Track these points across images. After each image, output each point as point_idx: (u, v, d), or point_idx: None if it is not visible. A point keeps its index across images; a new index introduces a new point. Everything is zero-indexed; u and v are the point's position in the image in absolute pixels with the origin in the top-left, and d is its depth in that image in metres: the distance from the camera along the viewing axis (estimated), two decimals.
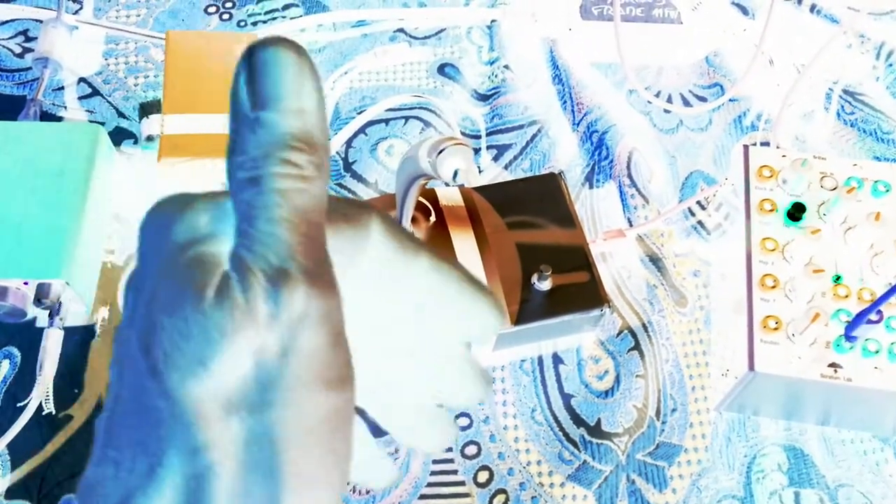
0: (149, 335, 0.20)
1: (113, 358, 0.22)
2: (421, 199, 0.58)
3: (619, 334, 0.60)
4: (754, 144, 0.69)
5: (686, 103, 0.73)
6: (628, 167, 0.67)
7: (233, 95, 0.21)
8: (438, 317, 0.26)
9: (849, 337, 0.50)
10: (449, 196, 0.60)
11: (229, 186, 0.21)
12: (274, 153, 0.20)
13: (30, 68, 0.71)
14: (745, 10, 0.79)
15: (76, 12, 0.75)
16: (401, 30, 0.76)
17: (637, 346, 0.59)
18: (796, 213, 0.55)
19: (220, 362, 0.19)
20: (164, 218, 0.21)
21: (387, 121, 0.70)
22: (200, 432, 0.20)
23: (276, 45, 0.21)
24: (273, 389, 0.20)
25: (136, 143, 0.68)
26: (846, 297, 0.53)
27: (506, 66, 0.73)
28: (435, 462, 0.55)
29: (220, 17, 0.76)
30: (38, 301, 0.55)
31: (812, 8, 0.79)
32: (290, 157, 0.20)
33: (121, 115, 0.69)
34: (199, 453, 0.20)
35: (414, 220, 0.56)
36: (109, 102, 0.70)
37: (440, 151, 0.42)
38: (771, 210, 0.56)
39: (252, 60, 0.21)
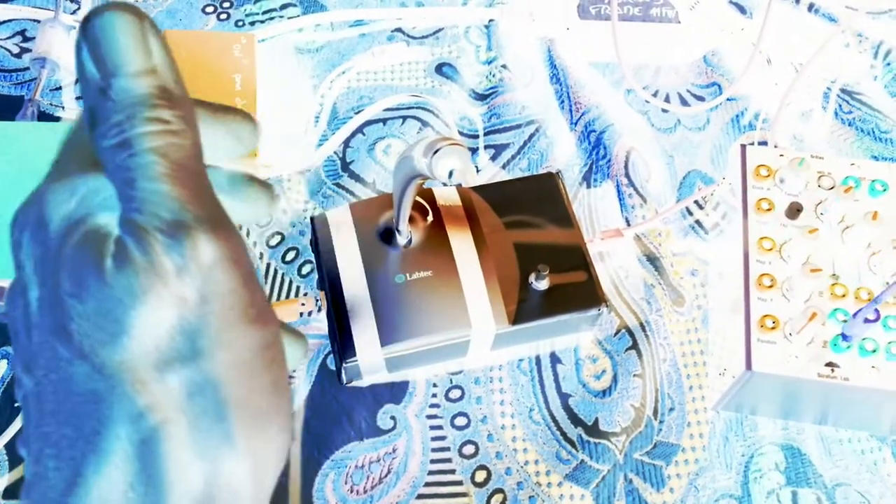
0: (65, 325, 0.20)
1: (17, 376, 0.22)
2: (418, 198, 0.58)
3: (616, 334, 0.60)
4: (752, 144, 0.69)
5: (684, 102, 0.73)
6: (626, 166, 0.67)
7: (79, 69, 0.21)
8: (209, 152, 0.26)
9: (846, 336, 0.50)
10: (446, 196, 0.60)
11: (100, 159, 0.21)
12: (137, 114, 0.20)
13: (27, 68, 0.71)
14: (742, 10, 0.79)
15: (74, 12, 0.75)
16: (399, 29, 0.76)
17: (635, 346, 0.59)
18: (794, 212, 0.55)
19: (140, 325, 0.20)
20: (32, 219, 0.21)
21: (384, 120, 0.70)
22: (140, 397, 0.20)
23: (110, 11, 0.21)
24: (201, 337, 0.20)
25: None
26: (843, 296, 0.53)
27: (503, 66, 0.73)
28: (433, 462, 0.55)
29: (218, 16, 0.76)
30: None
31: (810, 7, 0.79)
32: (155, 114, 0.20)
33: None
34: (143, 417, 0.20)
35: (411, 219, 0.56)
36: None
37: (435, 151, 0.42)
38: (768, 209, 0.56)
39: (90, 31, 0.21)
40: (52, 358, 0.20)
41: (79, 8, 0.75)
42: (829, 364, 0.50)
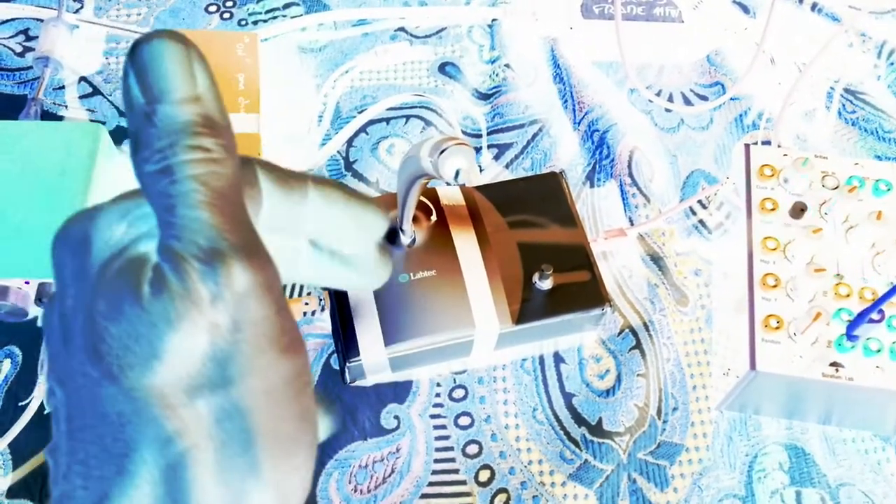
0: (97, 346, 0.20)
1: (49, 386, 0.22)
2: (422, 198, 0.58)
3: (620, 333, 0.60)
4: (755, 143, 0.69)
5: (687, 102, 0.73)
6: (629, 166, 0.67)
7: (125, 94, 0.21)
8: (335, 235, 0.28)
9: (850, 336, 0.50)
10: (450, 195, 0.60)
11: (140, 183, 0.21)
12: (180, 142, 0.20)
13: (30, 67, 0.71)
14: (746, 9, 0.79)
15: (77, 11, 0.75)
16: (402, 28, 0.76)
17: (638, 345, 0.59)
18: (798, 212, 0.55)
19: (173, 350, 0.20)
20: (77, 240, 0.22)
21: (388, 120, 0.70)
22: (168, 422, 0.20)
23: (158, 38, 0.21)
24: (232, 364, 0.21)
25: None
26: (847, 296, 0.53)
27: (507, 65, 0.73)
28: (436, 461, 0.55)
29: (221, 16, 0.76)
30: (40, 300, 0.55)
31: (813, 6, 0.79)
32: (197, 142, 0.21)
33: (122, 114, 0.69)
34: (171, 442, 0.20)
35: (415, 219, 0.56)
36: (110, 101, 0.70)
37: (442, 151, 0.42)
38: (772, 209, 0.56)
39: (137, 57, 0.21)
40: (83, 374, 0.20)
41: (81, 7, 0.75)
42: (833, 364, 0.50)
